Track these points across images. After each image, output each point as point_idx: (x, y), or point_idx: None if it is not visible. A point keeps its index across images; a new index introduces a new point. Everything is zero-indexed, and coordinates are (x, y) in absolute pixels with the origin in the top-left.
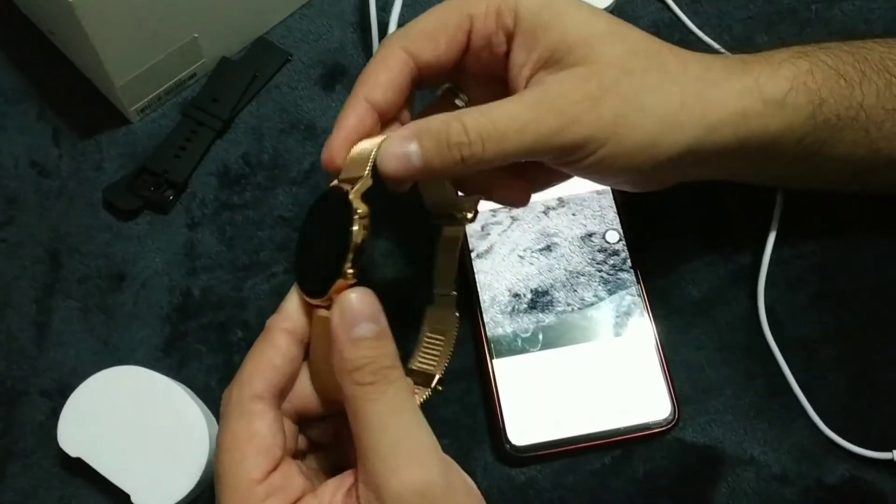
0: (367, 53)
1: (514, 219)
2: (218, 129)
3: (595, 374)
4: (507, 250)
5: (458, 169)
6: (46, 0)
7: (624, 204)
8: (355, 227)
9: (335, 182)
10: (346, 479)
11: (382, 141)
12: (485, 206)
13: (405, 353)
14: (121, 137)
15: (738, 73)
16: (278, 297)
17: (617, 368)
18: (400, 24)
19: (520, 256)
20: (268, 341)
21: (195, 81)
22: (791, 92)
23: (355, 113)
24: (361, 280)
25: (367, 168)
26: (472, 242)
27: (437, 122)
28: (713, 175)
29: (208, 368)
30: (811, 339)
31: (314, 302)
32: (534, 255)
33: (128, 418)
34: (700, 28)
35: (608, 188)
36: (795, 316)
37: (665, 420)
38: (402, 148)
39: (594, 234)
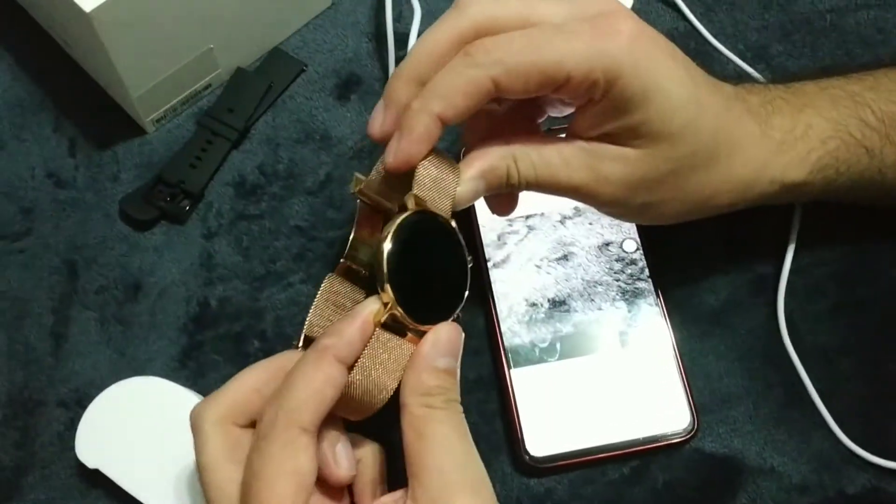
0: (383, 63)
1: (530, 228)
2: (233, 140)
3: (613, 383)
4: (524, 260)
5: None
6: (63, 11)
7: None
8: (470, 266)
9: (416, 202)
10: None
11: (456, 177)
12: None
13: None
14: (137, 148)
15: (772, 164)
16: (295, 306)
17: (635, 378)
18: (415, 34)
19: (536, 266)
20: (321, 370)
21: (211, 92)
22: (811, 174)
23: (426, 127)
24: None
25: (449, 204)
26: (488, 252)
27: (499, 164)
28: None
29: (225, 378)
30: (830, 349)
31: (417, 327)
32: (551, 264)
33: (146, 429)
34: (715, 37)
35: None
36: (814, 325)
37: (684, 430)
38: (476, 191)
39: (611, 243)
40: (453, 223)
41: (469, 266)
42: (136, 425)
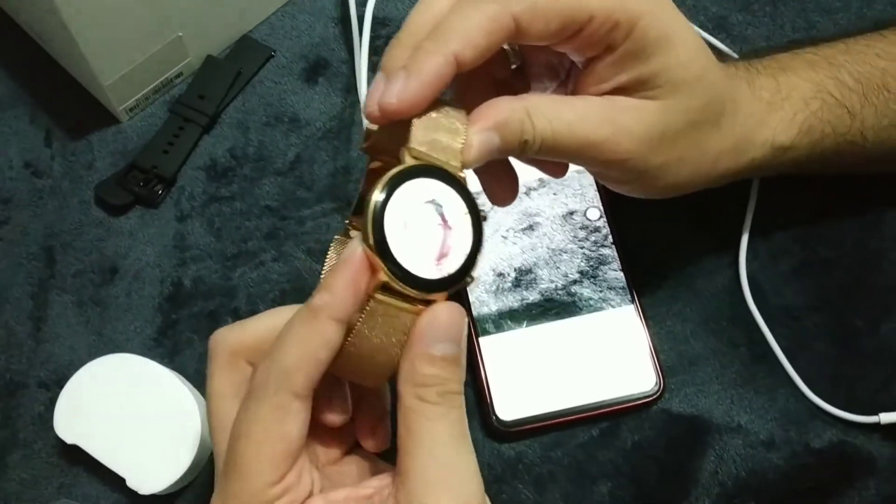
0: (349, 47)
1: None
2: (205, 125)
3: (580, 348)
4: (491, 231)
5: (510, 156)
6: (33, 3)
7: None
8: (486, 233)
9: (414, 154)
10: (361, 490)
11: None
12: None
13: None
14: (111, 136)
15: (764, 124)
16: (267, 284)
17: (602, 342)
18: (376, 17)
19: (503, 237)
20: (316, 331)
21: (182, 81)
22: (797, 137)
23: (439, 67)
24: None
25: (460, 163)
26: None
27: (512, 116)
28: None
29: (200, 356)
30: (794, 308)
31: (413, 294)
32: (517, 234)
33: (122, 405)
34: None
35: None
36: (778, 285)
37: (651, 391)
38: (489, 144)
39: (575, 212)
40: (462, 174)
41: (482, 222)
42: (113, 401)
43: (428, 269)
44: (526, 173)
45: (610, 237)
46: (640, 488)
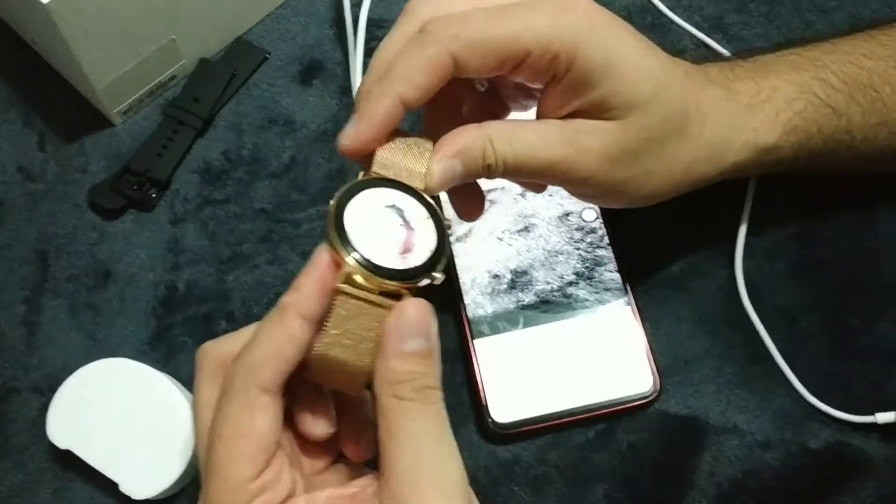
0: (343, 48)
1: (491, 202)
2: (199, 128)
3: (576, 349)
4: (486, 233)
5: (475, 179)
6: (25, 7)
7: None
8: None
9: (372, 172)
10: (345, 489)
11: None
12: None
13: None
14: (105, 140)
15: (742, 127)
16: (261, 287)
17: (598, 343)
18: (371, 18)
19: (498, 238)
20: (283, 327)
21: (176, 83)
22: (782, 136)
23: (385, 109)
24: None
25: (423, 182)
26: (450, 227)
27: (474, 144)
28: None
29: (194, 360)
30: (790, 308)
31: (377, 285)
32: (512, 236)
33: (115, 410)
34: (671, 10)
35: None
36: (774, 285)
37: (647, 392)
38: (451, 171)
39: (571, 213)
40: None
41: (445, 228)
42: (107, 406)
43: (391, 260)
44: None
45: (606, 238)
46: (637, 490)
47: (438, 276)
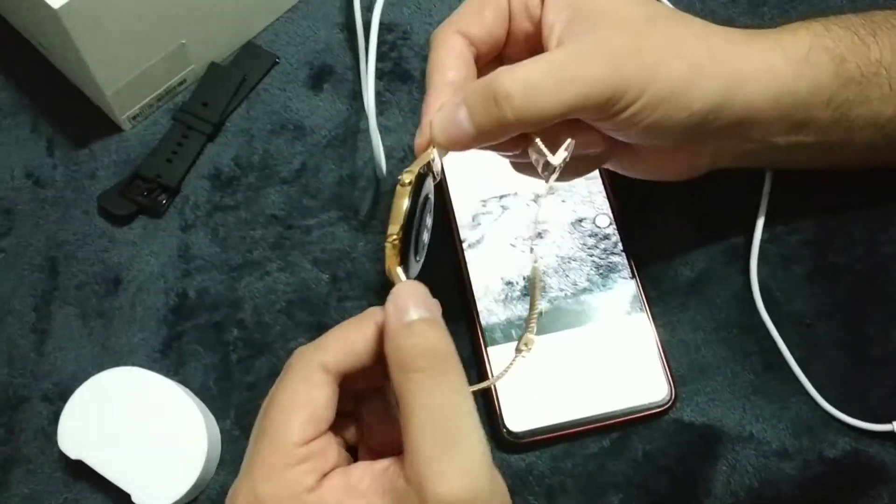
0: (354, 53)
1: (504, 208)
2: (209, 133)
3: (590, 357)
4: (499, 239)
5: (510, 128)
6: (34, 10)
7: (613, 188)
8: (397, 194)
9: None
10: (376, 464)
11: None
12: (476, 196)
13: None
14: (114, 145)
15: (758, 35)
16: (273, 294)
17: (612, 351)
18: (382, 22)
19: (511, 245)
20: (359, 326)
21: (185, 88)
22: (812, 51)
23: (439, 98)
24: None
25: (432, 150)
26: (463, 233)
27: (480, 80)
28: (746, 160)
29: (206, 368)
30: (806, 315)
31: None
32: (525, 242)
33: (127, 419)
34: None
35: (596, 173)
36: (790, 292)
37: (662, 401)
38: (453, 115)
39: (584, 219)
40: (408, 169)
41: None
42: (118, 416)
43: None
44: (534, 182)
45: (619, 245)
46: (652, 499)
47: (393, 237)
